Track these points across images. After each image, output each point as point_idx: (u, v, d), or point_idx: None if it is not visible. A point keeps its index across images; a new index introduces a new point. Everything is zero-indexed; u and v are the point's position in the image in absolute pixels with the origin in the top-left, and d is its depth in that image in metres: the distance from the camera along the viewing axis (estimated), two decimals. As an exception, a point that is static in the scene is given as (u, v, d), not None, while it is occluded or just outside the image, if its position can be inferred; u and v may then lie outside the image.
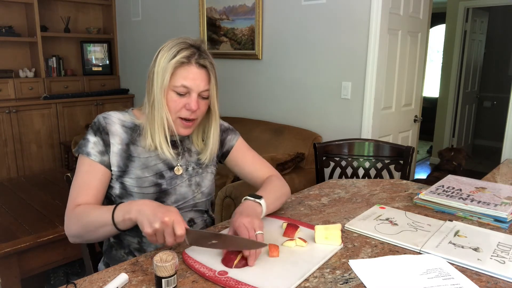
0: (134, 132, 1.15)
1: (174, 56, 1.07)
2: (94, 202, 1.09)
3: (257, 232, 0.97)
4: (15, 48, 4.05)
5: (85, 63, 4.55)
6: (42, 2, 4.08)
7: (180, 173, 1.19)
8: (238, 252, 0.93)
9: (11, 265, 1.88)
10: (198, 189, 1.23)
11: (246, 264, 0.92)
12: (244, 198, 1.12)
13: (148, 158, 1.15)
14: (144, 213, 0.93)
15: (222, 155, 1.32)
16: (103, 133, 1.11)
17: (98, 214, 1.01)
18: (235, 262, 0.91)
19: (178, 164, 1.19)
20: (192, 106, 1.09)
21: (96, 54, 4.61)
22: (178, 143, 1.19)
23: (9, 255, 1.85)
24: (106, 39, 4.63)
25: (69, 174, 1.25)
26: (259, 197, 1.12)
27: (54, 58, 4.23)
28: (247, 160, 1.32)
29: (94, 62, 4.60)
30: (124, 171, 1.13)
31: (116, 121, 1.14)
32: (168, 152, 1.13)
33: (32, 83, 4.03)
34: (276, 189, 1.24)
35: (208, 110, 1.18)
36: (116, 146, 1.12)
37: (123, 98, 4.55)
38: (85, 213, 1.04)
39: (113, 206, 0.99)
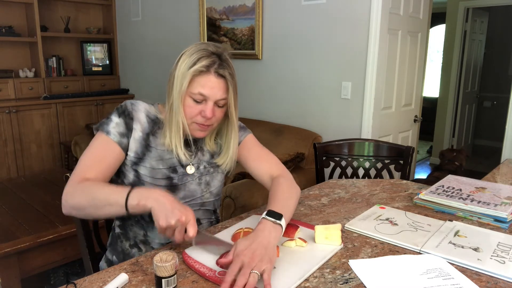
0: (155, 125, 1.17)
1: (194, 63, 1.07)
2: (103, 180, 1.09)
3: (252, 271, 0.82)
4: (15, 48, 4.05)
5: (85, 63, 4.55)
6: (42, 2, 4.08)
7: (192, 172, 1.20)
8: None
9: (11, 265, 1.88)
10: (207, 188, 1.24)
11: None
12: (262, 217, 0.99)
13: (164, 151, 1.16)
14: (163, 205, 0.93)
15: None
16: (127, 117, 1.13)
17: (109, 192, 1.00)
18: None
19: (191, 163, 1.20)
20: (207, 114, 1.10)
21: (96, 54, 4.61)
22: (191, 142, 1.20)
23: (9, 255, 1.85)
24: (106, 39, 4.63)
25: (69, 174, 1.25)
26: (279, 216, 0.99)
27: (54, 58, 4.24)
28: (252, 156, 1.28)
29: (94, 62, 4.60)
30: (140, 158, 1.14)
31: (142, 109, 1.16)
32: (182, 155, 1.15)
33: (32, 83, 4.03)
34: (285, 196, 1.12)
35: (227, 118, 1.19)
36: (137, 132, 1.13)
37: (123, 98, 4.54)
38: (94, 187, 1.03)
39: (127, 188, 0.98)
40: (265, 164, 1.26)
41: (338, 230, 1.03)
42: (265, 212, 1.00)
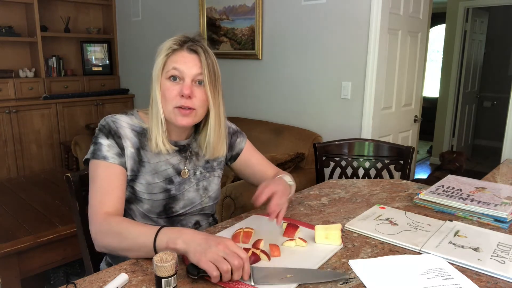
0: (143, 137, 1.13)
1: (169, 47, 1.09)
2: (121, 207, 1.07)
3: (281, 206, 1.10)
4: (15, 48, 4.05)
5: (85, 63, 4.55)
6: (42, 2, 4.07)
7: (187, 176, 1.18)
8: (248, 249, 0.95)
9: (11, 265, 1.88)
10: (206, 193, 1.23)
11: (255, 261, 0.93)
12: (278, 176, 1.25)
13: (158, 163, 1.14)
14: (194, 242, 0.86)
15: (232, 157, 1.32)
16: (115, 136, 1.08)
17: (137, 233, 0.94)
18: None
19: (185, 168, 1.19)
20: (185, 91, 1.05)
21: (96, 54, 4.61)
22: (186, 147, 1.18)
23: (9, 255, 1.85)
24: (106, 39, 4.63)
25: (69, 174, 1.25)
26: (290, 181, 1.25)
27: (54, 58, 4.23)
28: (257, 161, 1.35)
29: (94, 62, 4.60)
30: (136, 175, 1.12)
31: (125, 125, 1.11)
32: (162, 145, 1.09)
33: (32, 83, 4.03)
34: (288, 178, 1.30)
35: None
36: (129, 149, 1.10)
37: (123, 98, 4.55)
38: (122, 228, 0.97)
39: (156, 228, 0.92)
40: (268, 168, 1.36)
41: (338, 230, 1.03)
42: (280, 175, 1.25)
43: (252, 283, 0.83)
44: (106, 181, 1.06)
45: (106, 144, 1.07)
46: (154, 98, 1.08)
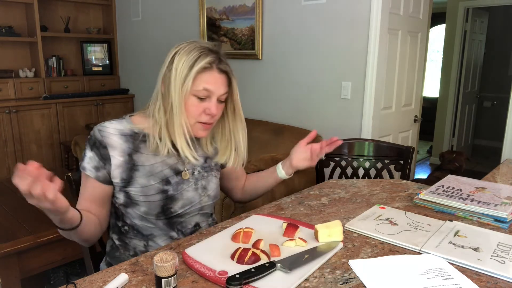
0: (135, 140, 1.12)
1: (195, 61, 1.07)
2: (106, 213, 1.15)
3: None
4: (15, 48, 4.05)
5: (85, 63, 4.55)
6: (42, 2, 4.07)
7: (187, 177, 1.19)
8: (248, 249, 0.95)
9: (11, 265, 1.88)
10: (205, 193, 1.23)
11: (255, 261, 0.92)
12: (277, 166, 1.37)
13: (154, 165, 1.14)
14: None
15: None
16: (100, 147, 1.09)
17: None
18: (246, 259, 0.92)
19: (186, 169, 1.19)
20: (212, 111, 1.10)
21: (96, 54, 4.61)
22: (192, 150, 1.18)
23: (9, 255, 1.85)
24: (106, 39, 4.63)
25: (69, 174, 1.25)
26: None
27: (54, 58, 4.24)
28: (238, 174, 1.42)
29: (94, 62, 4.61)
30: (128, 182, 1.11)
31: (113, 131, 1.11)
32: (190, 155, 1.13)
33: (32, 83, 4.03)
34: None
35: (232, 113, 1.22)
36: (117, 158, 1.09)
37: (123, 98, 4.55)
38: None
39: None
40: (243, 176, 1.44)
41: (340, 226, 1.04)
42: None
43: (289, 271, 0.89)
44: (86, 192, 1.12)
45: (88, 156, 1.10)
46: (177, 108, 1.08)
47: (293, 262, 0.92)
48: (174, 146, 1.13)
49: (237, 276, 0.83)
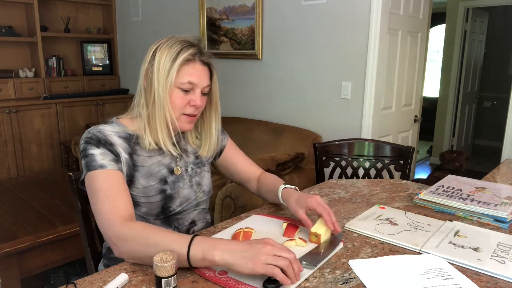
0: (130, 142, 1.12)
1: (178, 54, 1.08)
2: (133, 211, 1.03)
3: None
4: (15, 48, 4.05)
5: (85, 63, 4.55)
6: (42, 2, 4.07)
7: (179, 173, 1.19)
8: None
9: (11, 265, 1.88)
10: (199, 188, 1.24)
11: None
12: (282, 188, 1.21)
13: (151, 166, 1.14)
14: (238, 251, 0.82)
15: (216, 154, 1.34)
16: (107, 144, 1.06)
17: (168, 241, 0.88)
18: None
19: (177, 165, 1.20)
20: (197, 102, 1.11)
21: (96, 54, 4.61)
22: (175, 145, 1.18)
23: (9, 255, 1.85)
24: (106, 39, 4.62)
25: (71, 174, 1.25)
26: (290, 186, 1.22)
27: (54, 58, 4.23)
28: (239, 158, 1.37)
29: (94, 62, 4.60)
30: (131, 181, 1.11)
31: (110, 133, 1.09)
32: (172, 149, 1.14)
33: (32, 83, 4.03)
34: (278, 180, 1.29)
35: (209, 104, 1.21)
36: (123, 155, 1.09)
37: (123, 98, 4.55)
38: (149, 235, 0.91)
39: (187, 237, 0.88)
40: (251, 165, 1.37)
41: (320, 220, 1.07)
42: (282, 187, 1.20)
43: (314, 267, 0.91)
44: (111, 187, 1.00)
45: (98, 153, 1.03)
46: (160, 101, 1.08)
47: (314, 258, 0.95)
48: (157, 143, 1.13)
49: (272, 278, 0.81)
